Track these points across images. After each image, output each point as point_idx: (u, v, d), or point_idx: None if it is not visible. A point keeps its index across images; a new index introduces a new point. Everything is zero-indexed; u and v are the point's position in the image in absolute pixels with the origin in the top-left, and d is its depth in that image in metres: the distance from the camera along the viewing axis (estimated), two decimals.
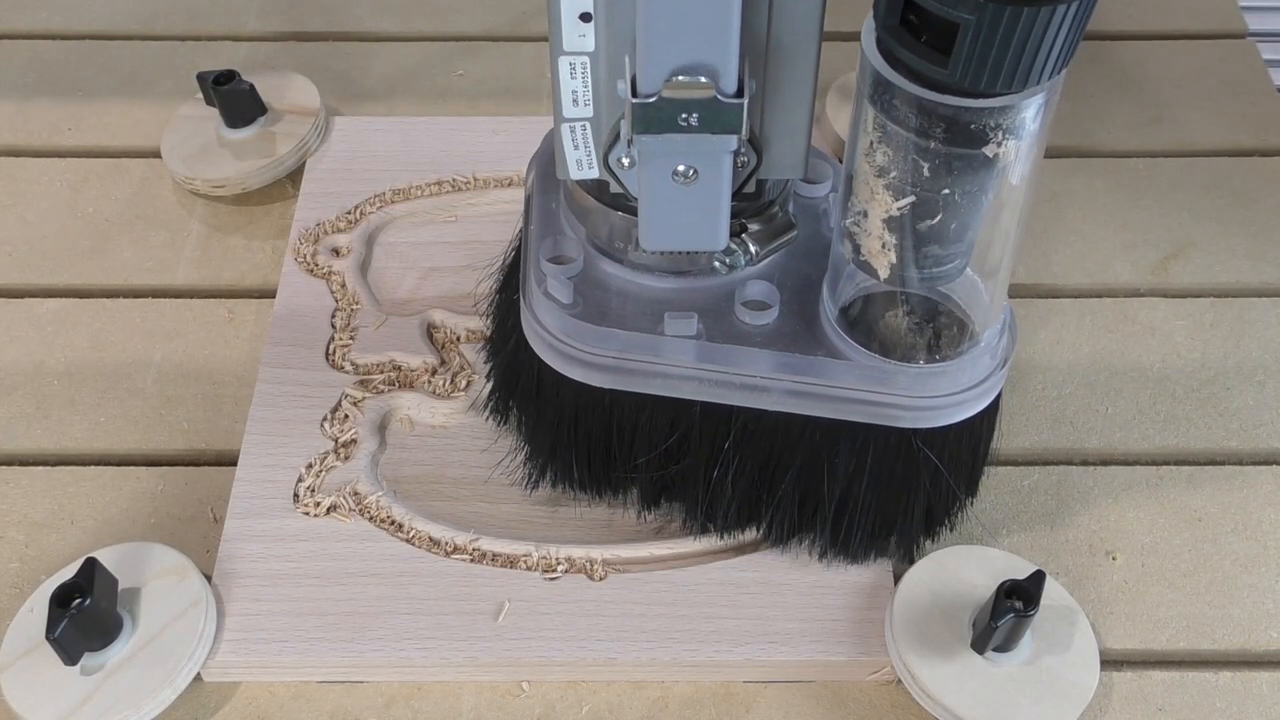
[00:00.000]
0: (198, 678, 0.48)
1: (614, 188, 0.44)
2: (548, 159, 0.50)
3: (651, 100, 0.38)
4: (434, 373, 0.56)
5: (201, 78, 0.64)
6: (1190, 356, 0.59)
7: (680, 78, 0.38)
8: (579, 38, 0.40)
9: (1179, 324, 0.60)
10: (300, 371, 0.56)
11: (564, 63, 0.41)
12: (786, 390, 0.45)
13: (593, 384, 0.46)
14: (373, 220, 0.63)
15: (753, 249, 0.46)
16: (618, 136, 0.42)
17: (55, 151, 0.68)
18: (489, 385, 0.55)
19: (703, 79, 0.38)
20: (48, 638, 0.45)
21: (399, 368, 0.57)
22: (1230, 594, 0.51)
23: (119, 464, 0.55)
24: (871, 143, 0.40)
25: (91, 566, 0.46)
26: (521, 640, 0.48)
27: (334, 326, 0.58)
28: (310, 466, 0.53)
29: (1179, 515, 0.53)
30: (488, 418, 0.55)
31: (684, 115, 0.38)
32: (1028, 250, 0.63)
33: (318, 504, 0.52)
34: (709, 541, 0.51)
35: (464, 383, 0.56)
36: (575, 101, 0.42)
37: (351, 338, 0.58)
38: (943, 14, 0.34)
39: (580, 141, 0.43)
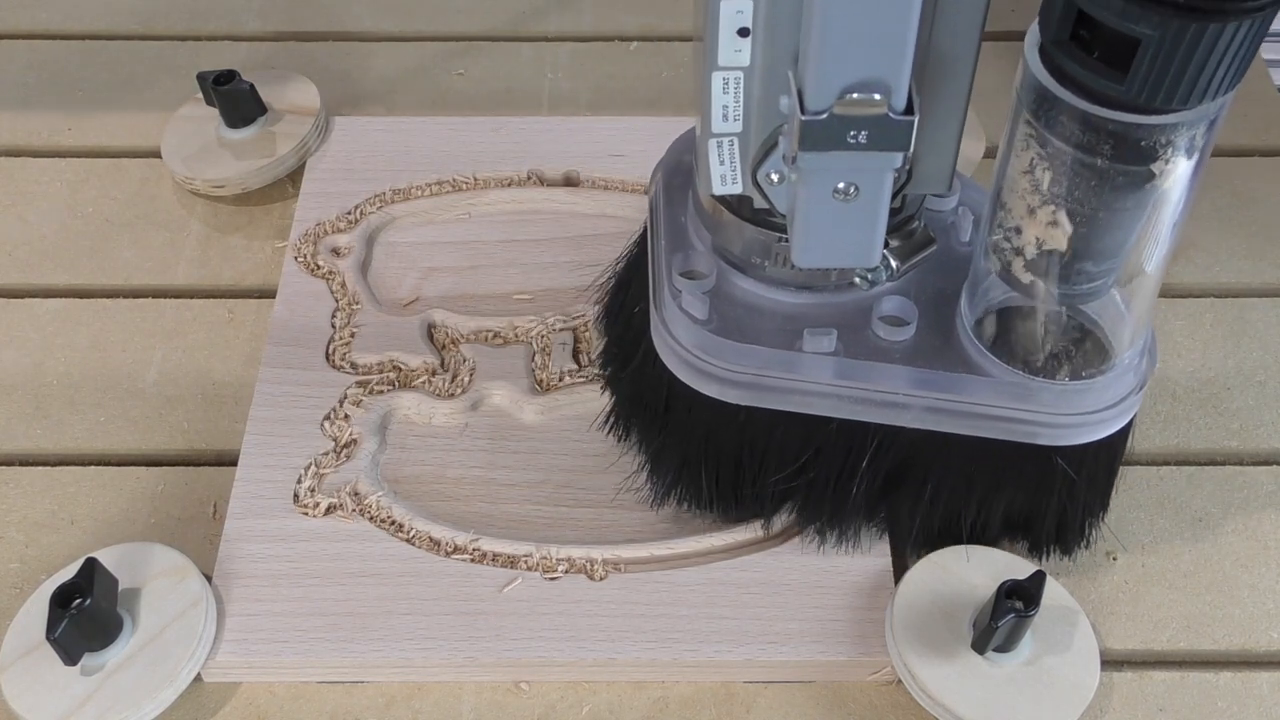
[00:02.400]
0: (198, 678, 0.48)
1: (758, 203, 0.43)
2: (672, 169, 0.49)
3: (821, 117, 0.37)
4: (434, 373, 0.56)
5: (201, 78, 0.64)
6: (1190, 356, 0.59)
7: (853, 95, 0.36)
8: (735, 53, 0.39)
9: (1179, 324, 0.60)
10: (300, 371, 0.56)
11: (717, 78, 0.40)
12: (926, 407, 0.44)
13: (728, 400, 0.45)
14: (373, 220, 0.63)
15: (894, 264, 0.45)
16: (768, 152, 0.41)
17: (55, 151, 0.68)
18: (609, 402, 0.54)
19: (876, 96, 0.36)
20: (48, 638, 0.45)
21: (399, 368, 0.57)
22: (1230, 594, 0.51)
23: (119, 464, 0.55)
24: (1032, 159, 0.39)
25: (91, 566, 0.46)
26: (521, 640, 0.48)
27: (334, 326, 0.58)
28: (310, 466, 0.53)
29: (1179, 515, 0.53)
30: (608, 434, 0.54)
31: (853, 133, 0.37)
32: None
33: (317, 504, 0.52)
34: (709, 541, 0.51)
35: (467, 376, 0.56)
36: (725, 117, 0.41)
37: (352, 336, 0.58)
38: (1123, 29, 0.33)
39: (727, 157, 0.42)
